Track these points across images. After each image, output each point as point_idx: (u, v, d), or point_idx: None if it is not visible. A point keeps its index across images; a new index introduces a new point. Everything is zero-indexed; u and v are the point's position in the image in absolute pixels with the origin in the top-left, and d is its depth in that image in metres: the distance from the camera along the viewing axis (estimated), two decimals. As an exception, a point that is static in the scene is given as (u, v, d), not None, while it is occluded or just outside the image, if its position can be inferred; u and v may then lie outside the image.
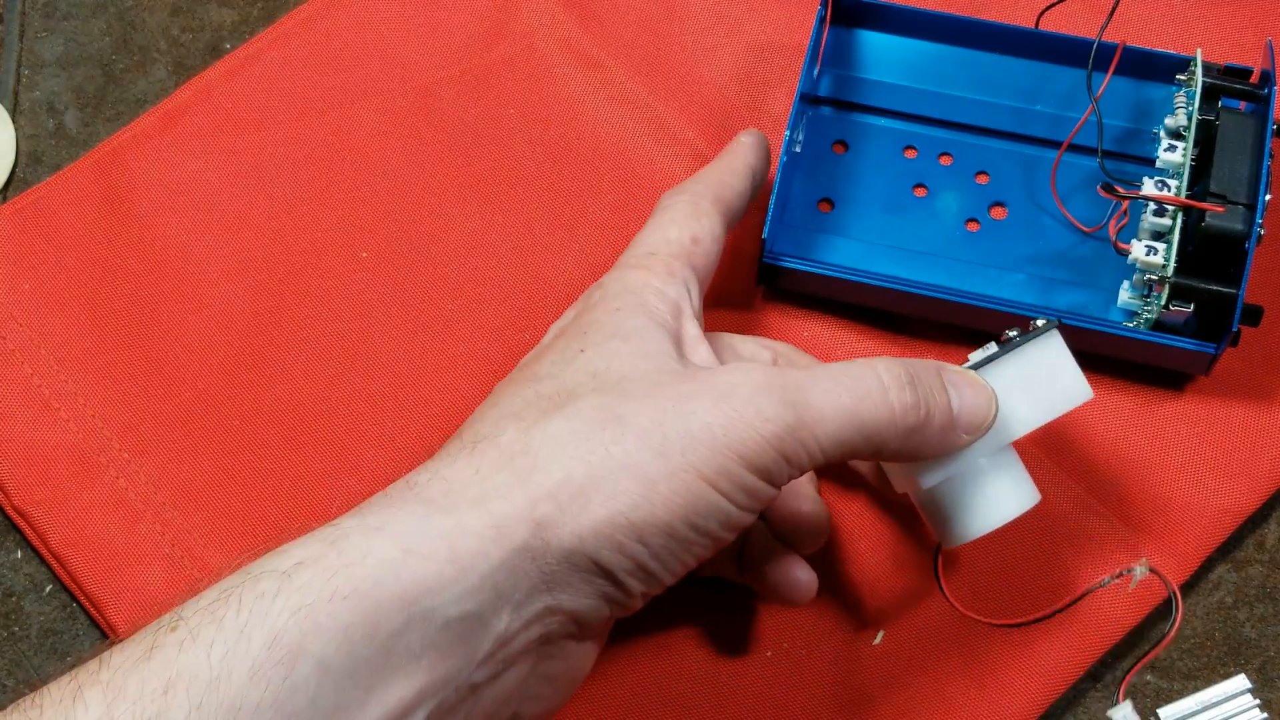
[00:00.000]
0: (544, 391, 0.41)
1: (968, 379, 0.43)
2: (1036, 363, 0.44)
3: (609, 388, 0.40)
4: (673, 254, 0.46)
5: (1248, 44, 0.58)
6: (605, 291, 0.45)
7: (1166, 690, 0.51)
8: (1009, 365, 0.44)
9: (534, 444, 0.39)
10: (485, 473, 0.39)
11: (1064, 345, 0.45)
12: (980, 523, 0.44)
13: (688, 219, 0.48)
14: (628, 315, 0.43)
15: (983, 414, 0.43)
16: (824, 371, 0.41)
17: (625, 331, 0.43)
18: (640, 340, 0.42)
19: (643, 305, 0.44)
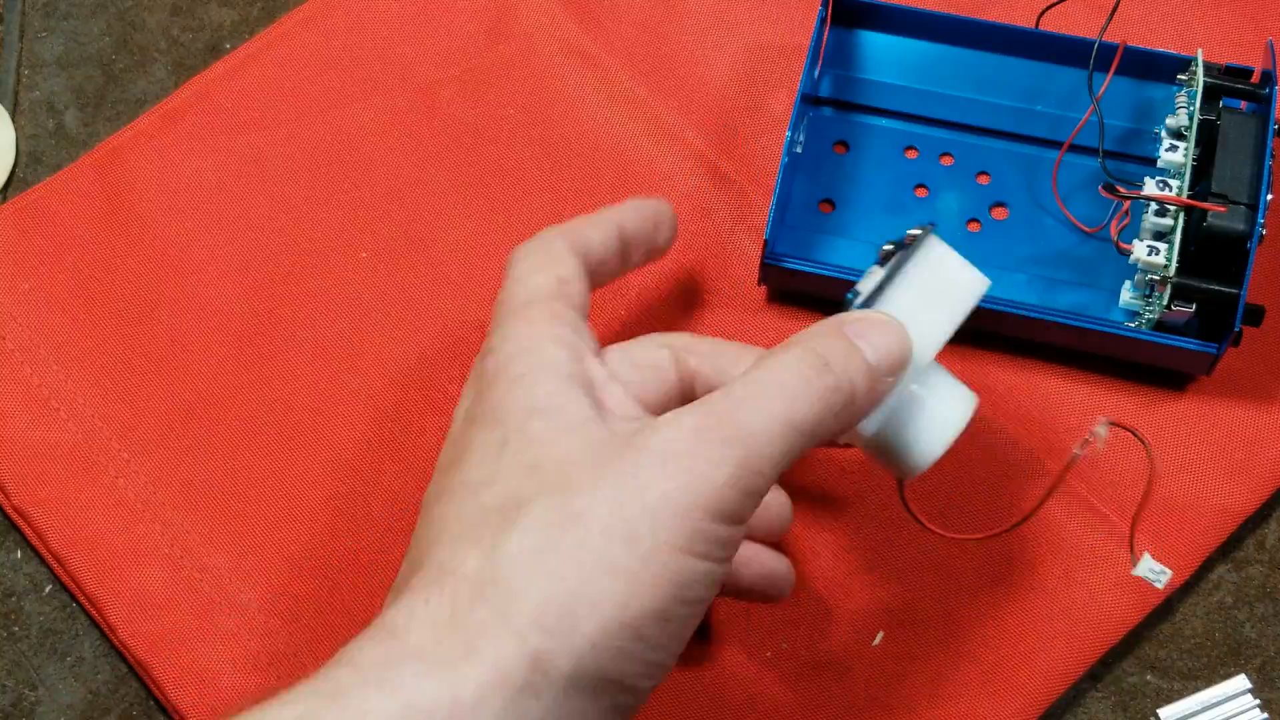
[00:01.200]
0: (488, 504, 0.38)
1: (872, 324, 0.41)
2: (928, 273, 0.43)
3: (552, 484, 0.38)
4: (549, 296, 0.43)
5: (1248, 44, 0.58)
6: (498, 359, 0.41)
7: (1166, 690, 0.51)
8: (902, 286, 0.43)
9: (502, 570, 0.36)
10: (463, 612, 0.36)
11: (946, 246, 0.44)
12: (933, 446, 0.43)
13: (546, 264, 0.44)
14: (534, 382, 0.40)
15: (899, 352, 0.41)
16: (746, 388, 0.39)
17: (540, 404, 0.40)
18: (559, 411, 0.39)
19: (543, 363, 0.41)
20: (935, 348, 0.43)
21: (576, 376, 0.41)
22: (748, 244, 0.56)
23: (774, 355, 0.40)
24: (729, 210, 0.57)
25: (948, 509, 0.52)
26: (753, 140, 0.58)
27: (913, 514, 0.46)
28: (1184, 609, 0.52)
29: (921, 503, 0.52)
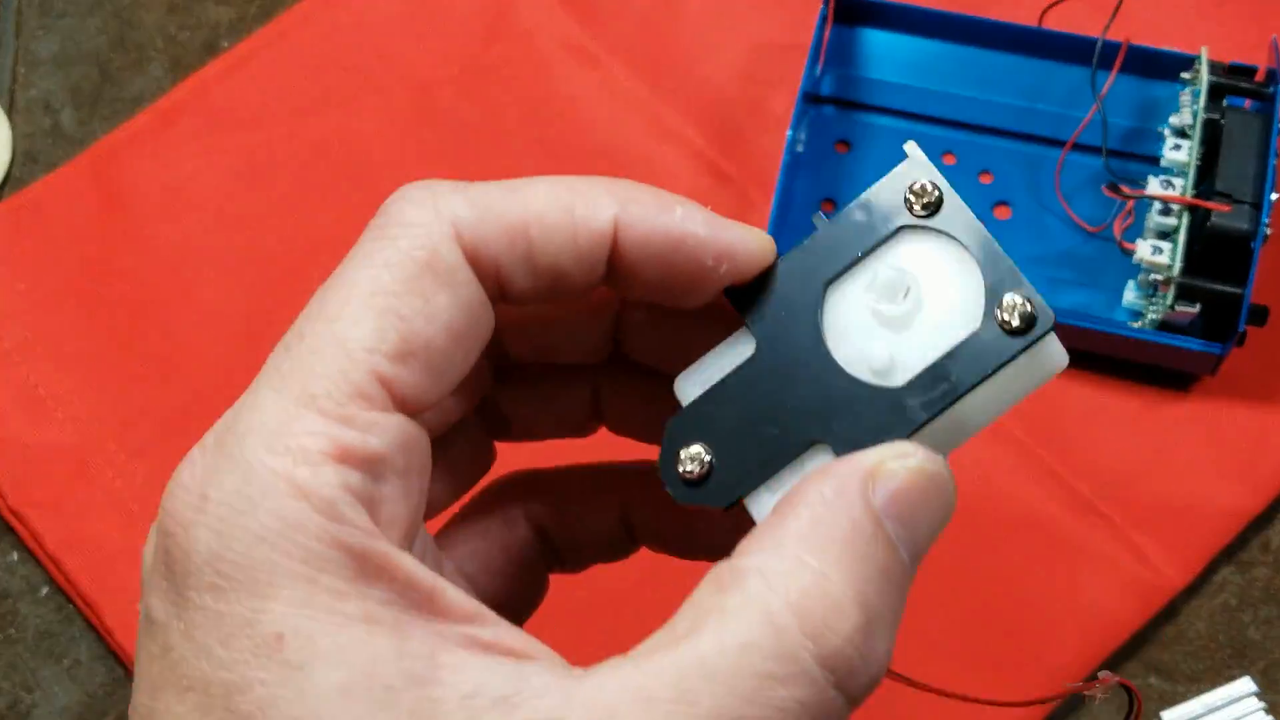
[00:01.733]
0: None
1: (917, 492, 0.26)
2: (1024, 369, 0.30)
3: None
4: (351, 406, 0.26)
5: (1253, 42, 0.58)
6: (203, 562, 0.25)
7: (1170, 693, 0.51)
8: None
9: None
10: None
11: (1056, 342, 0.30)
12: None
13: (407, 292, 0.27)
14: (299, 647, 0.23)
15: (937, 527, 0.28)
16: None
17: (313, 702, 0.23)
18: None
19: (302, 576, 0.24)
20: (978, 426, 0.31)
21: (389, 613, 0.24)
22: (749, 243, 0.56)
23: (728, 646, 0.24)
24: (729, 210, 0.56)
25: (950, 510, 0.52)
26: (754, 139, 0.57)
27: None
28: (1188, 611, 0.52)
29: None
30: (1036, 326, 0.27)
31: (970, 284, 0.28)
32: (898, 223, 0.28)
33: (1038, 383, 0.29)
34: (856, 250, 0.28)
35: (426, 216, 0.27)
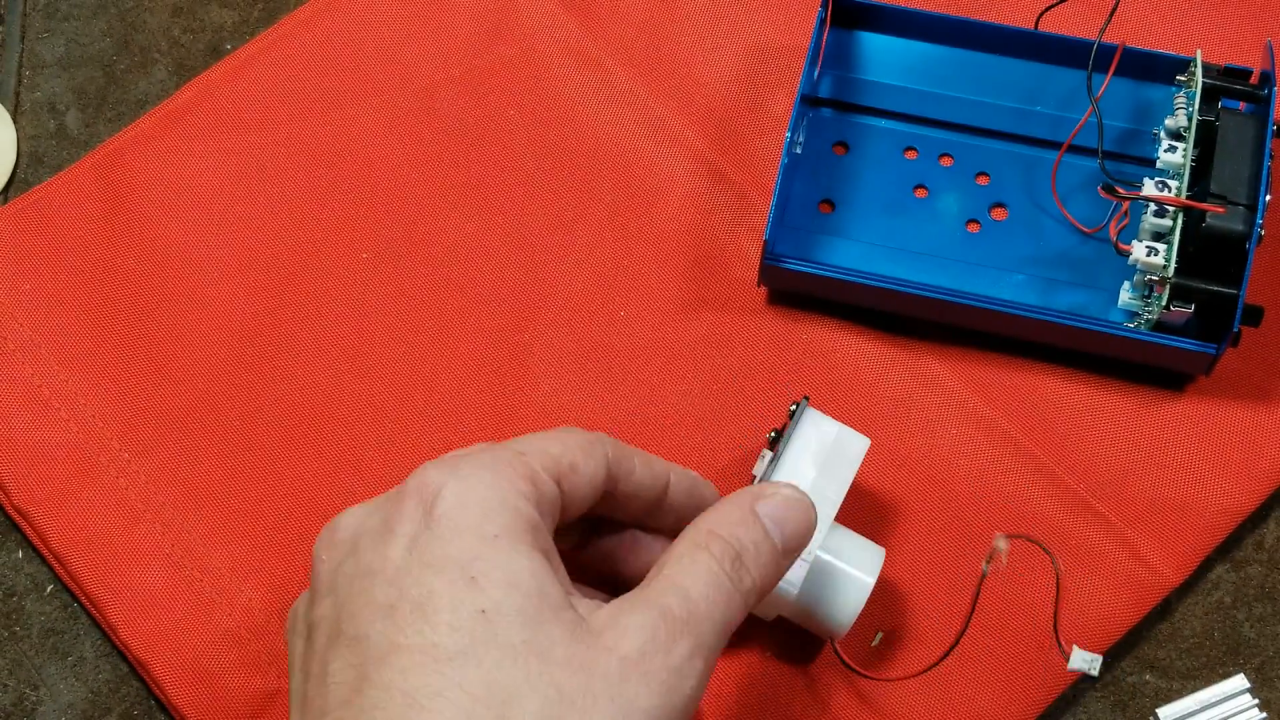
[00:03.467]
0: (473, 695, 0.35)
1: (784, 502, 0.42)
2: (814, 443, 0.47)
3: (554, 690, 0.35)
4: (544, 463, 0.40)
5: (1247, 44, 0.58)
6: (454, 493, 0.38)
7: (1165, 690, 0.51)
8: (792, 460, 0.47)
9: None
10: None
11: (823, 415, 0.48)
12: (849, 608, 0.47)
13: (578, 445, 0.41)
14: (512, 551, 0.37)
15: (805, 531, 0.42)
16: (680, 584, 0.39)
17: (523, 586, 0.37)
18: (544, 609, 0.36)
19: (514, 526, 0.38)
20: (834, 511, 0.47)
21: (540, 544, 0.38)
22: (748, 244, 0.56)
23: (695, 555, 0.39)
24: (729, 210, 0.57)
25: (946, 509, 0.52)
26: (753, 140, 0.58)
27: (850, 665, 0.48)
28: (1183, 609, 0.52)
29: (921, 501, 0.52)
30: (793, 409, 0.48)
31: None
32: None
33: (840, 449, 0.48)
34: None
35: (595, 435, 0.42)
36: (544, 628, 0.36)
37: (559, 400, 0.54)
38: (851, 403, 0.54)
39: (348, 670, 0.36)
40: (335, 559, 0.39)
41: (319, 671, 0.37)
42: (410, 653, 0.35)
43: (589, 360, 0.55)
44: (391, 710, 0.34)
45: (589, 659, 0.36)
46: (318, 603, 0.38)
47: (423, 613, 0.35)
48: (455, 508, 0.37)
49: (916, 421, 0.53)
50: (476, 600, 0.36)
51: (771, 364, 0.54)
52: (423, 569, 0.36)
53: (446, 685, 0.34)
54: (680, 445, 0.53)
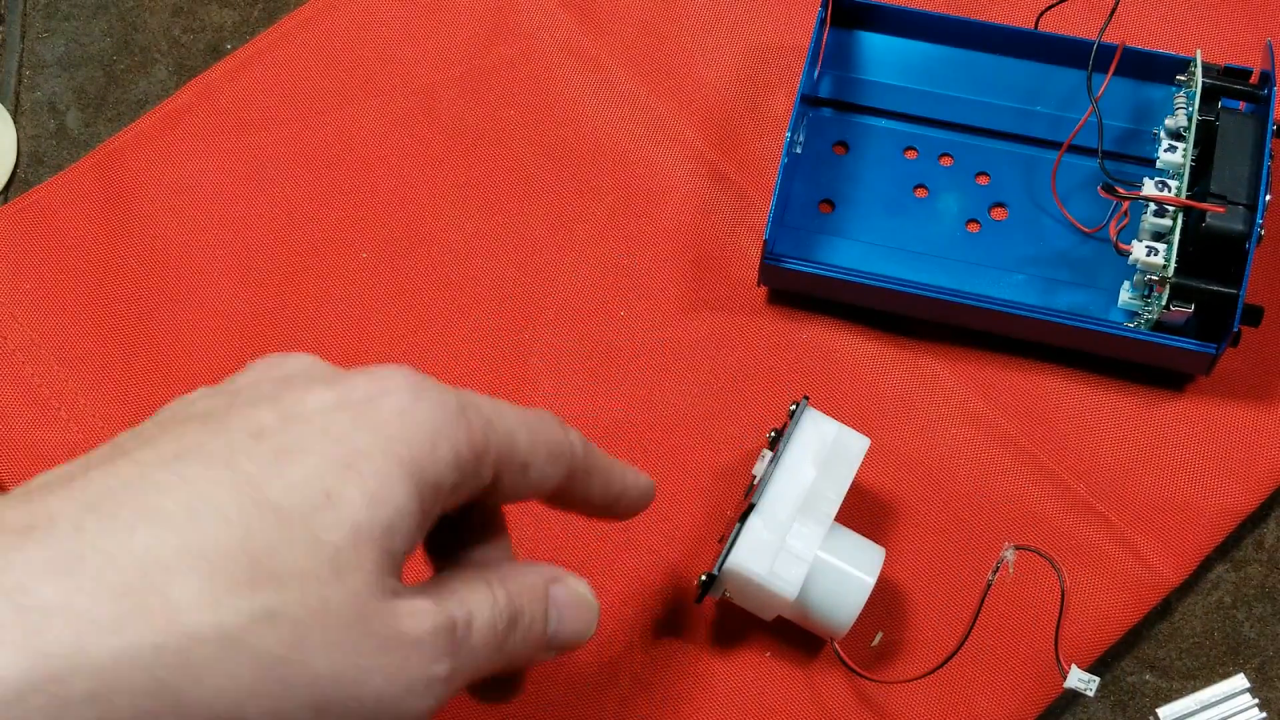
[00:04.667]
0: (249, 549, 0.32)
1: (574, 601, 0.39)
2: (814, 442, 0.48)
3: (306, 614, 0.32)
4: (484, 442, 0.37)
5: (1247, 44, 0.58)
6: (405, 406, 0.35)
7: (1165, 690, 0.51)
8: (793, 459, 0.47)
9: (202, 637, 0.31)
10: (124, 628, 0.30)
11: (822, 415, 0.48)
12: (850, 606, 0.47)
13: (545, 446, 0.38)
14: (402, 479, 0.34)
15: (581, 635, 0.39)
16: (474, 606, 0.36)
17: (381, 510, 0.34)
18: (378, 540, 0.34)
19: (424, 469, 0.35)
20: (833, 510, 0.47)
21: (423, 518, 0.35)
22: (748, 244, 0.56)
23: (482, 590, 0.37)
24: (729, 210, 0.57)
25: (946, 508, 0.52)
26: (753, 140, 0.58)
27: (849, 666, 0.48)
28: (1183, 608, 0.52)
29: (921, 501, 0.52)
30: (793, 409, 0.49)
31: None
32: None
33: (840, 449, 0.48)
34: None
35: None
36: (361, 553, 0.33)
37: (559, 400, 0.54)
38: (851, 403, 0.54)
39: (170, 444, 0.33)
40: (262, 377, 0.36)
41: (154, 429, 0.34)
42: (236, 474, 0.32)
43: (589, 360, 0.55)
44: (165, 498, 0.32)
45: (370, 609, 0.33)
46: (212, 394, 0.36)
47: (279, 458, 0.33)
48: (394, 412, 0.34)
49: (916, 421, 0.53)
50: (333, 482, 0.33)
51: (771, 364, 0.54)
52: (319, 432, 0.34)
53: (235, 523, 0.32)
54: (680, 445, 0.53)
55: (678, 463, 0.53)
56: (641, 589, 0.51)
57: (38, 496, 0.32)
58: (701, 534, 0.52)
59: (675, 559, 0.52)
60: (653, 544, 0.52)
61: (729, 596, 0.48)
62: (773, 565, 0.46)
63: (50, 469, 0.34)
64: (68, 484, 0.32)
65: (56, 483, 0.32)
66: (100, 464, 0.33)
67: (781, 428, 0.48)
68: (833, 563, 0.47)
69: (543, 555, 0.51)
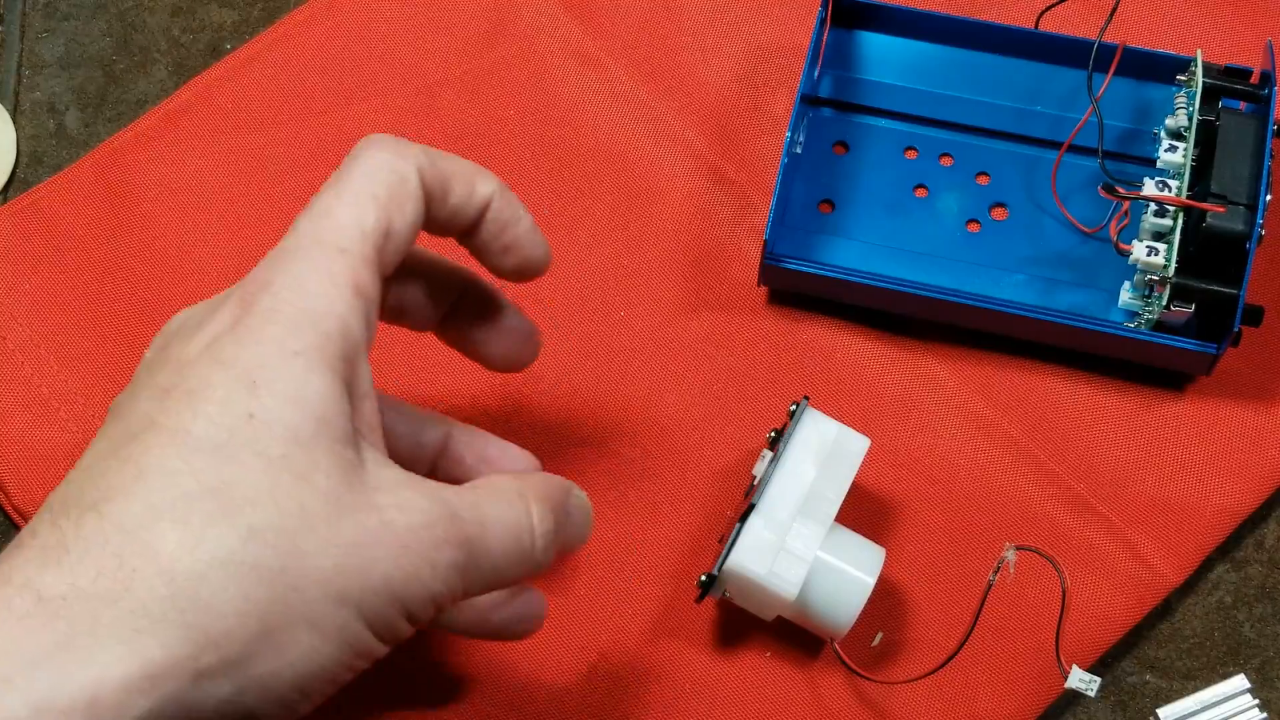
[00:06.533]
0: (206, 485, 0.33)
1: (583, 508, 0.42)
2: (815, 442, 0.48)
3: (296, 507, 0.34)
4: (365, 256, 0.37)
5: (1248, 44, 0.58)
6: (275, 300, 0.36)
7: (1165, 690, 0.51)
8: (793, 459, 0.47)
9: (200, 573, 0.33)
10: (132, 588, 0.32)
11: (822, 415, 0.48)
12: (850, 606, 0.47)
13: (391, 199, 0.38)
14: (308, 370, 0.35)
15: (584, 540, 0.42)
16: (478, 510, 0.37)
17: (306, 407, 0.35)
18: (320, 435, 0.35)
19: (324, 348, 0.36)
20: (834, 510, 0.47)
21: (343, 379, 0.36)
22: (748, 244, 0.56)
23: (514, 502, 0.38)
24: (729, 210, 0.57)
25: (946, 508, 0.52)
26: (753, 140, 0.58)
27: (850, 666, 0.48)
28: (1183, 609, 0.52)
29: (921, 501, 0.52)
30: (793, 410, 0.49)
31: None
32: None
33: (840, 449, 0.48)
34: None
35: (403, 155, 0.39)
36: (311, 452, 0.34)
37: (559, 400, 0.54)
38: (851, 403, 0.54)
39: (102, 441, 0.35)
40: (151, 350, 0.38)
41: (88, 448, 0.36)
42: (161, 432, 0.34)
43: (589, 360, 0.54)
44: (118, 479, 0.33)
45: (348, 502, 0.35)
46: (123, 390, 0.37)
47: (190, 400, 0.34)
48: (267, 312, 0.35)
49: (916, 421, 0.53)
50: (248, 403, 0.34)
51: (771, 364, 0.54)
52: (210, 363, 0.35)
53: (182, 470, 0.33)
54: (680, 445, 0.53)
55: (678, 463, 0.53)
56: (641, 589, 0.51)
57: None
58: (701, 534, 0.52)
59: (675, 559, 0.52)
60: (653, 544, 0.52)
61: (729, 596, 0.48)
62: (773, 565, 0.46)
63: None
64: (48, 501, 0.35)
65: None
66: (61, 490, 0.35)
67: (781, 428, 0.48)
68: (833, 563, 0.47)
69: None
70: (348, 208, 0.38)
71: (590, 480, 0.52)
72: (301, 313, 0.36)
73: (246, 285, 0.37)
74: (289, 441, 0.34)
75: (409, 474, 0.37)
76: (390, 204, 0.38)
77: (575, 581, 0.51)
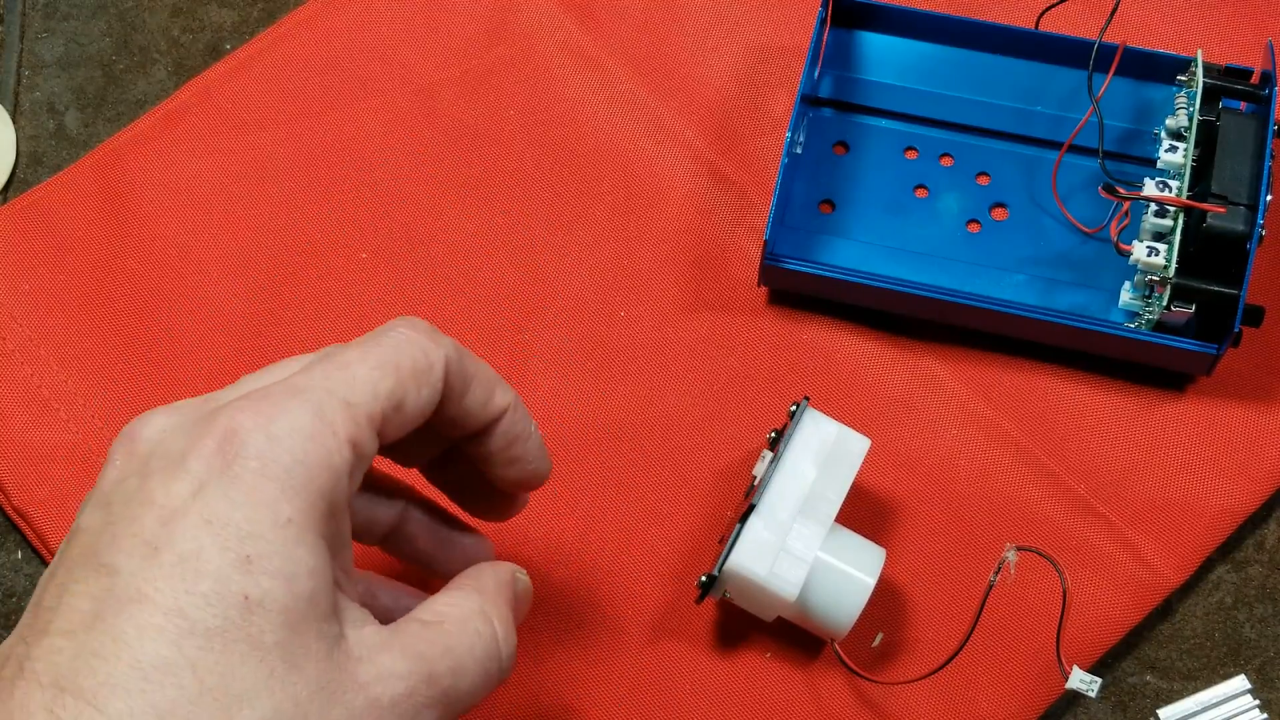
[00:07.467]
0: (205, 684, 0.33)
1: (526, 596, 0.42)
2: (815, 442, 0.48)
3: (291, 703, 0.34)
4: (371, 416, 0.37)
5: (1248, 44, 0.58)
6: (271, 446, 0.35)
7: (1166, 691, 0.51)
8: (793, 459, 0.47)
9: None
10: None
11: (823, 415, 0.48)
12: (850, 607, 0.47)
13: (412, 375, 0.38)
14: (298, 542, 0.34)
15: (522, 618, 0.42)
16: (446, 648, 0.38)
17: (297, 585, 0.34)
18: (309, 617, 0.34)
19: (314, 510, 0.35)
20: (834, 511, 0.47)
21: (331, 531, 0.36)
22: (748, 244, 0.56)
23: (479, 624, 0.39)
24: (729, 210, 0.57)
25: (947, 509, 0.52)
26: (753, 140, 0.58)
27: (850, 666, 0.48)
28: (1184, 609, 0.52)
29: (922, 502, 0.52)
30: (794, 410, 0.50)
31: None
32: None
33: (840, 449, 0.48)
34: None
35: (435, 342, 0.39)
36: (302, 637, 0.34)
37: (559, 401, 0.54)
38: (851, 403, 0.54)
39: (85, 599, 0.33)
40: (125, 471, 0.36)
41: (60, 585, 0.34)
42: (156, 612, 0.33)
43: (589, 360, 0.54)
44: (113, 667, 0.32)
45: (337, 685, 0.34)
46: (90, 509, 0.36)
47: (182, 572, 0.33)
48: (261, 463, 0.35)
49: (917, 422, 0.53)
50: (243, 584, 0.33)
51: (771, 364, 0.54)
52: (201, 524, 0.34)
53: (181, 662, 0.33)
54: (680, 445, 0.53)
55: (677, 463, 0.53)
56: (641, 589, 0.51)
57: (4, 695, 0.33)
58: (701, 534, 0.52)
59: (675, 559, 0.52)
60: (653, 544, 0.52)
61: (729, 597, 0.48)
62: (773, 566, 0.46)
63: None
64: (18, 677, 0.33)
65: (8, 675, 0.33)
66: (29, 639, 0.34)
67: (782, 428, 0.48)
68: (833, 563, 0.47)
69: (543, 556, 0.51)
70: (368, 368, 0.37)
71: (590, 480, 0.52)
72: (296, 467, 0.35)
73: (237, 415, 0.35)
74: (282, 627, 0.34)
75: (383, 630, 0.36)
76: (409, 380, 0.38)
77: (575, 582, 0.51)
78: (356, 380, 0.37)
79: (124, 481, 0.36)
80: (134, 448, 0.36)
